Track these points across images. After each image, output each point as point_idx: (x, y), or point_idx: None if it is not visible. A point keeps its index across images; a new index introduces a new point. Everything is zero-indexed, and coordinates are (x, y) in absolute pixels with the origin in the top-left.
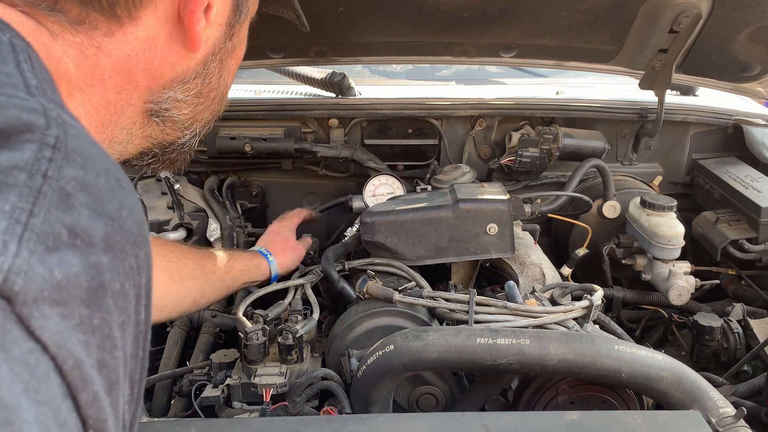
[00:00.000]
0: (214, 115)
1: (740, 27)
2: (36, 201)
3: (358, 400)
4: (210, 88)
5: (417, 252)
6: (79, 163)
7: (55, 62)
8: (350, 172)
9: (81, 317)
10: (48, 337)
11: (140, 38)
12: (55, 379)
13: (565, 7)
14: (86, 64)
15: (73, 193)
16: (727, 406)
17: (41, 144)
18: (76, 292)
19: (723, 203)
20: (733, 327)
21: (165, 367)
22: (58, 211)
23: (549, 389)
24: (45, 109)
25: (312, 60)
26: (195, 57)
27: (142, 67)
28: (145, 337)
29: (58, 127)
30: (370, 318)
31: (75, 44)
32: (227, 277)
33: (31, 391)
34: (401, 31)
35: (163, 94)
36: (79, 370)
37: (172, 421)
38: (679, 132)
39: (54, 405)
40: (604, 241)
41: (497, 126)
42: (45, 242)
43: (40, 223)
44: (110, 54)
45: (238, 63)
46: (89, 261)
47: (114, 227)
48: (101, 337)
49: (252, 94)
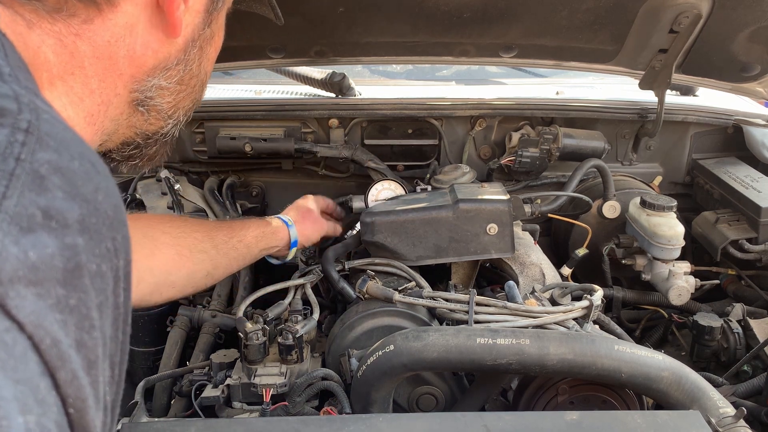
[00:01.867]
0: (194, 103)
1: (740, 27)
2: (9, 183)
3: (358, 400)
4: (191, 75)
5: (417, 252)
6: (53, 147)
7: (33, 52)
8: (350, 172)
9: (57, 297)
10: (24, 316)
11: (120, 24)
12: (32, 358)
13: (565, 7)
14: (65, 52)
15: (46, 176)
16: (727, 406)
17: (13, 128)
18: (52, 273)
19: (723, 203)
20: (733, 327)
21: (165, 367)
22: (32, 193)
23: (549, 389)
24: (17, 95)
25: (312, 60)
26: (176, 43)
27: (123, 54)
28: (124, 321)
29: (30, 112)
30: (370, 318)
31: (53, 33)
32: (241, 246)
33: (8, 369)
34: (401, 31)
35: (147, 81)
36: (56, 348)
37: (172, 421)
38: (679, 132)
39: (32, 383)
40: (604, 241)
41: (497, 126)
42: (19, 224)
43: (13, 205)
44: (90, 41)
45: (216, 51)
46: (64, 242)
47: (89, 209)
48: (78, 317)
49: (252, 94)
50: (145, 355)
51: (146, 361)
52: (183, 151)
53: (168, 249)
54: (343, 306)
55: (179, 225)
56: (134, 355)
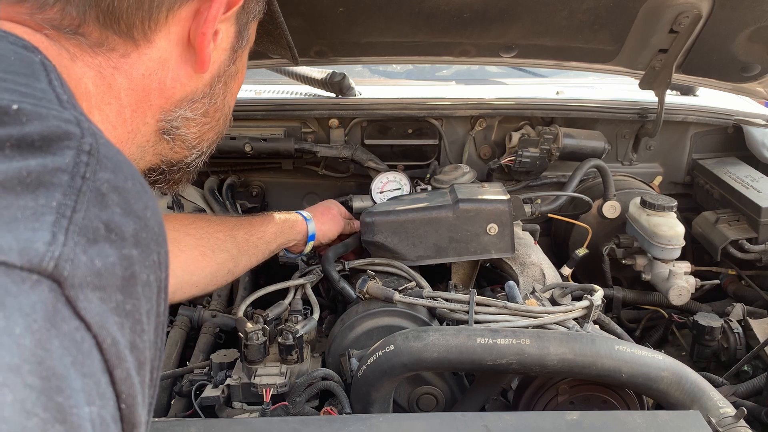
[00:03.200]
0: (218, 136)
1: (740, 27)
2: (78, 199)
3: (358, 400)
4: (215, 109)
5: (417, 252)
6: (110, 168)
7: (75, 83)
8: (350, 172)
9: (117, 302)
10: (91, 317)
11: (154, 59)
12: (96, 355)
13: (565, 7)
14: (103, 83)
15: (107, 194)
16: (727, 406)
17: (78, 150)
18: (113, 280)
19: (723, 203)
20: (733, 327)
21: (165, 367)
22: (96, 208)
23: (549, 389)
24: (78, 120)
25: (312, 60)
26: (203, 78)
27: (155, 87)
28: (162, 328)
29: (91, 136)
30: (370, 318)
31: (93, 65)
32: (260, 243)
33: (78, 364)
34: (401, 31)
35: (174, 112)
36: (115, 348)
37: (172, 421)
38: (679, 132)
39: (96, 377)
40: (604, 241)
41: (497, 126)
42: (86, 235)
43: (81, 218)
44: (126, 74)
45: (239, 87)
46: (122, 253)
47: (141, 225)
48: (132, 321)
49: (252, 94)
50: None
51: None
52: None
53: (191, 251)
54: (343, 306)
55: (203, 225)
56: None
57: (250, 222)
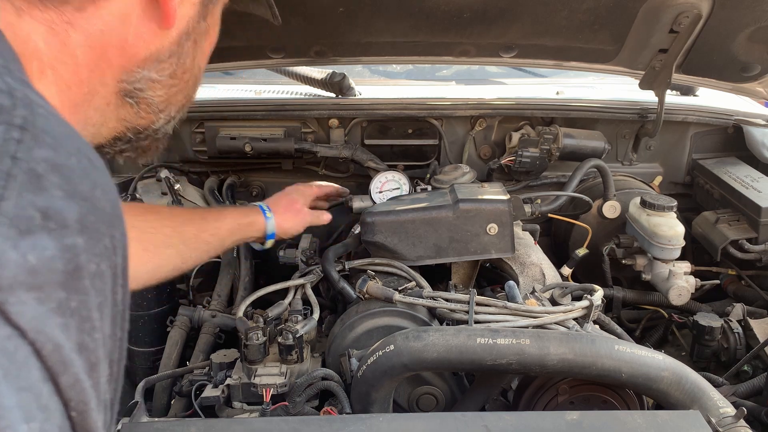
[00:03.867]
0: (187, 99)
1: (740, 27)
2: (6, 184)
3: (358, 400)
4: (184, 70)
5: (417, 252)
6: (49, 144)
7: (23, 41)
8: (350, 172)
9: (58, 301)
10: (25, 322)
11: (113, 13)
12: (34, 364)
13: (565, 7)
14: (56, 41)
15: (44, 175)
16: (727, 406)
17: (8, 125)
18: (52, 276)
19: (723, 203)
20: (733, 327)
21: (165, 367)
22: (30, 193)
23: (549, 389)
24: (10, 89)
25: (312, 60)
26: (169, 35)
27: (115, 44)
28: (122, 318)
29: (25, 107)
30: (370, 318)
31: (44, 20)
32: (213, 239)
33: (11, 377)
34: (401, 31)
35: (137, 73)
36: (58, 353)
37: (172, 421)
38: (679, 132)
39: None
40: (604, 241)
41: (497, 126)
42: (17, 226)
43: (11, 207)
44: (82, 30)
45: (211, 46)
46: (64, 243)
47: (88, 208)
48: (80, 319)
49: (252, 94)
50: (145, 355)
51: (146, 361)
52: (183, 151)
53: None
54: (343, 306)
55: (150, 219)
56: (134, 355)
57: (203, 217)
